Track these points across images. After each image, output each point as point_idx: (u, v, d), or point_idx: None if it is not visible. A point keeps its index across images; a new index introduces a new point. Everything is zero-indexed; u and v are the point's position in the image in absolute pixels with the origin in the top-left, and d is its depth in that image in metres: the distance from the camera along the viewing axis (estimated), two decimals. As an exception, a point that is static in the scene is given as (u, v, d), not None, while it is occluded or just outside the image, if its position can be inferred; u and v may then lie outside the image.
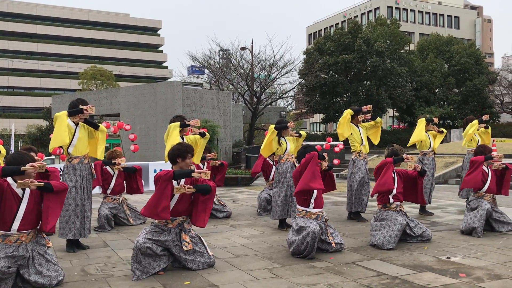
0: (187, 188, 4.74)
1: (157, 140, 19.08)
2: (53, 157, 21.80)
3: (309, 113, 45.33)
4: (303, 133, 7.62)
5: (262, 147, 7.55)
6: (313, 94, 40.10)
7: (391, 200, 6.10)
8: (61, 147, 6.08)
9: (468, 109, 42.51)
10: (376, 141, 8.38)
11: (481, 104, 43.15)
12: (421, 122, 8.53)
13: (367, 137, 8.35)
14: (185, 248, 4.81)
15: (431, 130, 8.86)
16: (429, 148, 8.71)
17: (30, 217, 4.35)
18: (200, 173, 4.77)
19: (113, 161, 7.74)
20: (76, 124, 5.97)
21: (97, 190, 8.27)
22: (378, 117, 8.71)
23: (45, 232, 4.57)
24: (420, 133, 8.48)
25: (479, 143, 8.91)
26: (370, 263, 5.12)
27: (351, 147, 8.15)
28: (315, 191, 5.59)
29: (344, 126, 7.92)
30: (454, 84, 42.66)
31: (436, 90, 43.37)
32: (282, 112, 33.53)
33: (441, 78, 41.98)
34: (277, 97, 35.24)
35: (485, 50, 69.38)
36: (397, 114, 48.20)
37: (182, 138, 7.28)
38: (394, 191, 6.10)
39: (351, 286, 4.31)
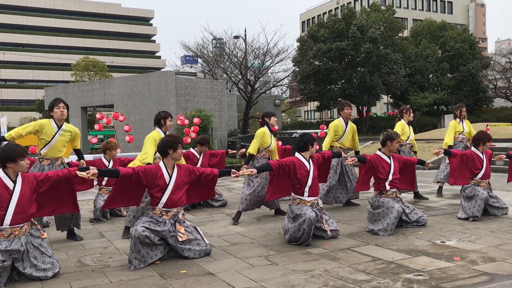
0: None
1: (152, 130, 18.95)
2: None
3: (304, 101, 45.33)
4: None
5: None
6: (307, 82, 40.05)
7: (388, 187, 6.09)
8: None
9: (462, 94, 42.61)
10: (353, 146, 8.40)
11: (475, 89, 43.27)
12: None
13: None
14: (180, 239, 4.83)
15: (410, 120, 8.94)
16: (407, 140, 8.68)
17: (23, 210, 4.31)
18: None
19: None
20: (59, 127, 5.93)
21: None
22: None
23: (42, 224, 4.60)
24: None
25: (465, 131, 8.92)
26: (366, 248, 5.15)
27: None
28: (310, 180, 5.58)
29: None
30: (448, 69, 42.70)
31: (430, 76, 43.42)
32: (277, 101, 33.48)
33: (435, 64, 42.00)
34: (271, 86, 35.16)
35: (478, 35, 69.32)
36: (391, 100, 48.29)
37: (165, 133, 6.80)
38: (391, 177, 6.09)
39: (346, 271, 4.33)
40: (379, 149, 6.29)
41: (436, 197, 8.88)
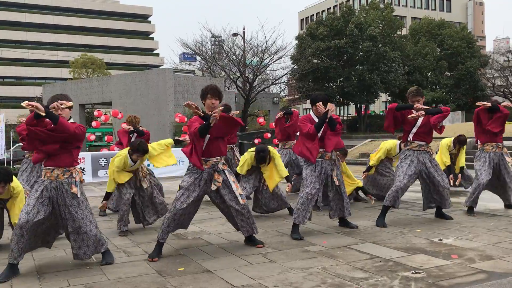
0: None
1: (150, 128, 18.91)
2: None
3: (302, 99, 45.30)
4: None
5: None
6: (305, 80, 40.03)
7: (410, 138, 6.21)
8: None
9: (460, 92, 42.69)
10: None
11: (473, 88, 43.32)
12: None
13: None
14: (213, 187, 4.92)
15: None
16: (395, 156, 8.31)
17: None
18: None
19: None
20: None
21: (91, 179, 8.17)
22: None
23: None
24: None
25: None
26: (363, 246, 5.16)
27: None
28: None
29: None
30: (446, 67, 42.76)
31: (429, 74, 43.46)
32: (275, 99, 33.46)
33: (433, 62, 42.04)
34: (270, 83, 35.15)
35: (477, 33, 69.42)
36: (389, 98, 48.31)
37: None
38: (415, 130, 6.16)
39: (344, 269, 4.34)
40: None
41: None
